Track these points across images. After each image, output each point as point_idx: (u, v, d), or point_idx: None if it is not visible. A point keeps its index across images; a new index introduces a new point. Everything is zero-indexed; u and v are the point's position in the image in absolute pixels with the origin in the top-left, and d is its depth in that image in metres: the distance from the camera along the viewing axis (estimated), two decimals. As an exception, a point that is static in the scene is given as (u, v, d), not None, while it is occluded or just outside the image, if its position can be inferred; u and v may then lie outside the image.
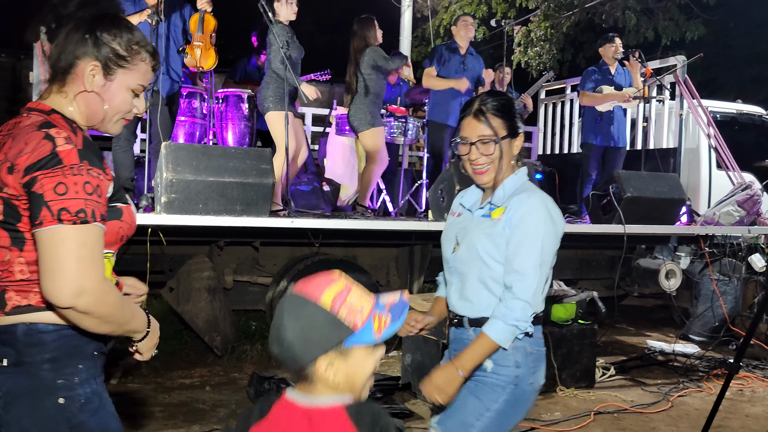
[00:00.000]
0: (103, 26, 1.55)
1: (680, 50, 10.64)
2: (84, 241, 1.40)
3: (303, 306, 1.37)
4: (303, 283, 1.42)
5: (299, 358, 1.35)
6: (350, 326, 1.36)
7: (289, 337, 1.35)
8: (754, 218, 6.27)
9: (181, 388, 4.61)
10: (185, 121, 5.88)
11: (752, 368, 5.50)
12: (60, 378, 1.47)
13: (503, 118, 2.08)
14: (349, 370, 1.38)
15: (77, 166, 1.42)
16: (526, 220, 2.00)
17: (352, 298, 1.38)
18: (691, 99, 6.77)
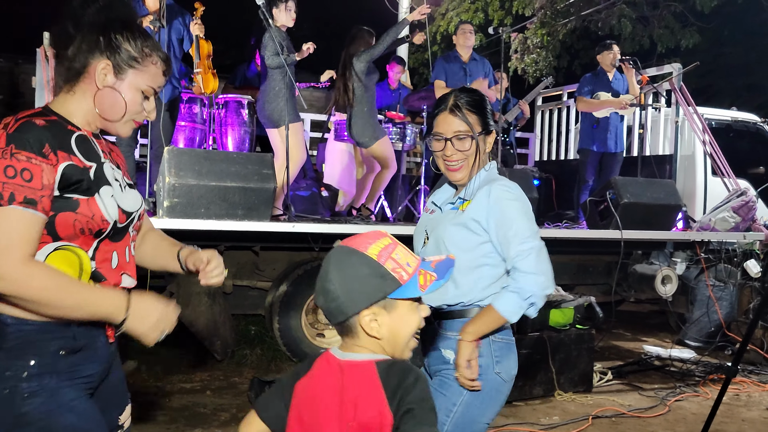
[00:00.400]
0: (117, 29, 1.60)
1: (675, 57, 10.76)
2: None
3: (349, 256, 1.37)
4: (350, 239, 1.42)
5: (344, 308, 1.35)
6: (396, 278, 1.35)
7: (334, 288, 1.35)
8: (750, 224, 6.33)
9: (182, 392, 4.63)
10: (185, 126, 5.91)
11: (748, 373, 5.55)
12: (8, 370, 1.49)
13: (478, 114, 2.09)
14: (393, 324, 1.37)
15: (2, 150, 1.44)
16: (502, 205, 2.00)
17: (398, 253, 1.38)
18: (687, 106, 6.84)
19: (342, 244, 1.42)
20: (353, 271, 1.35)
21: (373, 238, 1.41)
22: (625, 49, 10.44)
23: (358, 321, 1.36)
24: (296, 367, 1.51)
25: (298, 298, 5.17)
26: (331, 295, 1.36)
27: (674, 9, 11.42)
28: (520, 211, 2.01)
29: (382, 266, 1.35)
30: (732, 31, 13.28)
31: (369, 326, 1.36)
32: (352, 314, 1.36)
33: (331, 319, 1.40)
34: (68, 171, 1.52)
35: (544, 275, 1.94)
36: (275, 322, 5.10)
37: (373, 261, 1.35)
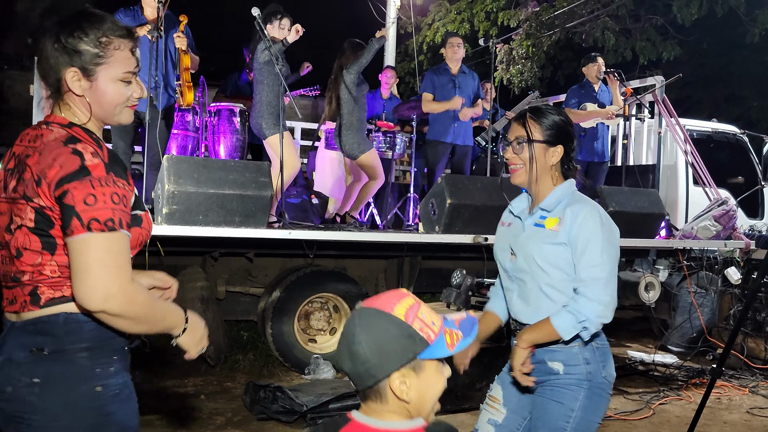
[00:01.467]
0: (67, 30, 1.57)
1: (657, 69, 11.00)
2: (110, 248, 1.47)
3: (377, 318, 1.34)
4: (372, 300, 1.39)
5: (374, 372, 1.31)
6: (425, 338, 1.32)
7: (363, 351, 1.31)
8: (730, 233, 6.49)
9: (176, 397, 4.67)
10: (178, 134, 5.98)
11: (729, 377, 5.70)
12: (97, 366, 1.54)
13: (541, 125, 2.20)
14: (421, 387, 1.33)
15: (104, 178, 1.50)
16: (584, 229, 2.09)
17: (423, 312, 1.36)
18: (669, 117, 7.01)
19: (364, 305, 1.38)
20: (382, 333, 1.31)
21: (396, 297, 1.37)
22: (608, 61, 10.63)
23: (389, 384, 1.32)
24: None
25: (291, 303, 5.24)
26: (359, 358, 1.31)
27: (656, 22, 11.66)
28: (600, 237, 2.09)
29: (410, 326, 1.32)
30: (712, 44, 13.59)
31: (399, 389, 1.31)
32: (382, 377, 1.31)
33: (358, 383, 1.35)
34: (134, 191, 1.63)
35: (604, 305, 2.05)
36: (268, 327, 5.16)
37: (401, 321, 1.32)
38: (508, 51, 12.26)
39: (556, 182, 2.22)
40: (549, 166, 2.20)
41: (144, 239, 1.66)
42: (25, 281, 1.55)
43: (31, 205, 1.51)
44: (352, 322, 1.36)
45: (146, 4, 4.83)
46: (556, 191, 2.19)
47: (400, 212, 7.03)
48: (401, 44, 12.10)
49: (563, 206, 2.16)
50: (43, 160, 1.51)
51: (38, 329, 1.53)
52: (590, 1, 11.13)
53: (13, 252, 1.55)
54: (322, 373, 5.08)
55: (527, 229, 2.23)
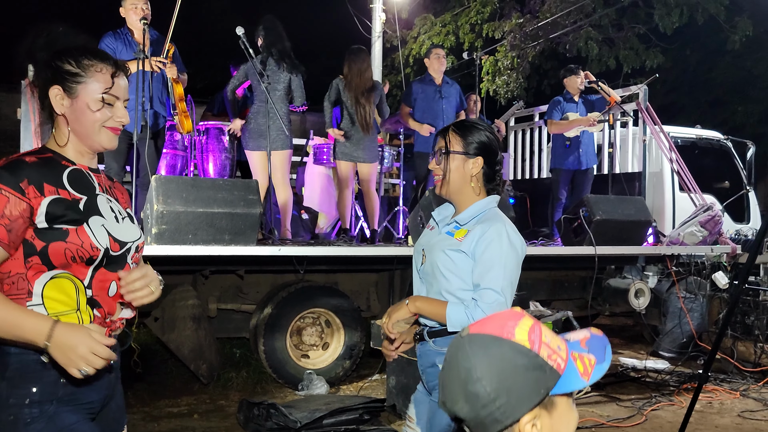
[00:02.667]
0: (57, 55, 1.69)
1: (641, 77, 11.08)
2: None
3: (496, 346, 1.06)
4: (481, 323, 1.12)
5: (499, 416, 1.04)
6: (555, 368, 1.07)
7: (485, 391, 1.03)
8: (716, 238, 6.56)
9: (169, 416, 4.66)
10: (167, 153, 6.00)
11: (720, 381, 5.75)
12: (11, 397, 1.59)
13: (461, 136, 2.23)
14: (554, 428, 1.08)
15: None
16: (489, 248, 2.11)
17: (546, 335, 1.09)
18: (653, 125, 7.10)
19: (474, 331, 1.10)
20: (506, 366, 1.04)
21: (512, 318, 1.10)
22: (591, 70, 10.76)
23: (518, 429, 1.06)
24: None
25: (283, 320, 5.25)
26: (481, 400, 1.04)
27: (638, 30, 11.80)
28: (502, 261, 2.10)
29: (538, 355, 1.06)
30: (694, 51, 13.78)
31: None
32: (511, 422, 1.05)
33: (476, 430, 1.07)
34: (52, 204, 1.63)
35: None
36: (260, 344, 5.17)
37: (527, 349, 1.06)
38: (494, 62, 12.36)
39: (479, 196, 2.23)
40: (468, 178, 2.22)
41: (79, 254, 1.64)
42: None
43: None
44: (462, 353, 1.08)
45: (133, 28, 4.86)
46: (474, 206, 2.21)
47: (390, 225, 7.06)
48: (387, 58, 12.17)
49: (474, 221, 2.19)
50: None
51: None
52: (573, 12, 11.25)
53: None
54: (316, 389, 5.09)
55: (439, 236, 2.27)
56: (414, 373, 4.63)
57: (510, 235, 2.14)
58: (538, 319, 1.14)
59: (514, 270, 2.14)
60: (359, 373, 5.67)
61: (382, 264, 5.67)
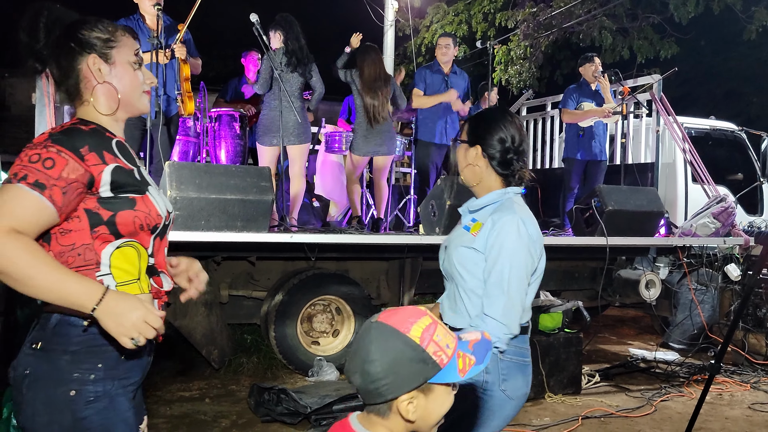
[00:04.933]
0: (76, 27, 1.67)
1: (655, 68, 11.02)
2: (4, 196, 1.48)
3: (392, 338, 1.32)
4: (389, 314, 1.37)
5: (383, 391, 1.31)
6: (437, 362, 1.32)
7: (376, 371, 1.31)
8: (729, 229, 6.52)
9: (181, 400, 4.71)
10: (179, 139, 6.03)
11: (730, 373, 5.73)
12: (76, 372, 1.56)
13: (470, 125, 2.22)
14: (428, 408, 1.34)
15: (37, 144, 1.55)
16: (497, 241, 2.04)
17: (439, 334, 1.34)
18: (667, 116, 7.05)
19: (380, 320, 1.36)
20: (397, 355, 1.31)
21: (414, 316, 1.36)
22: (605, 60, 10.71)
23: (396, 404, 1.33)
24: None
25: (293, 307, 5.28)
26: (371, 377, 1.31)
27: (653, 20, 11.69)
28: (509, 252, 2.03)
29: (424, 350, 1.31)
30: (709, 41, 13.63)
31: (405, 410, 1.33)
32: (391, 398, 1.32)
33: (366, 398, 1.36)
34: (116, 172, 1.61)
35: (505, 324, 2.00)
36: (271, 330, 5.21)
37: (417, 345, 1.31)
38: (506, 52, 12.30)
39: (494, 186, 2.17)
40: (468, 167, 2.19)
41: (146, 222, 1.65)
42: None
43: None
44: (367, 337, 1.35)
45: (146, 13, 4.87)
46: (488, 195, 2.16)
47: (400, 214, 7.07)
48: (399, 47, 12.13)
49: (489, 211, 2.12)
50: None
51: (40, 325, 1.60)
52: (587, 1, 11.16)
53: None
54: (326, 375, 5.12)
55: (459, 230, 2.22)
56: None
57: (520, 226, 2.05)
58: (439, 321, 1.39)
59: (520, 265, 2.03)
60: (369, 360, 5.69)
61: (393, 252, 5.68)
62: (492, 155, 2.15)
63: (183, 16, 5.11)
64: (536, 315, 5.08)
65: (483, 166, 2.17)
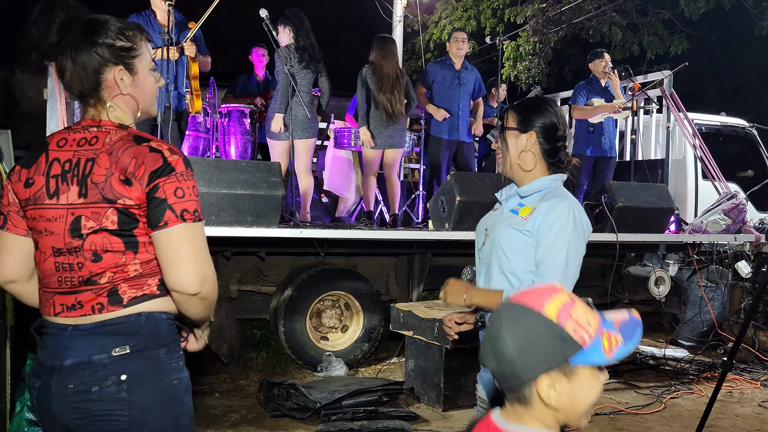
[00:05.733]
0: (98, 33, 1.62)
1: (665, 64, 10.96)
2: (201, 236, 1.60)
3: (525, 316, 1.23)
4: (521, 294, 1.30)
5: (519, 374, 1.22)
6: (578, 342, 1.21)
7: (509, 351, 1.22)
8: (740, 226, 6.49)
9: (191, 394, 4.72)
10: (189, 135, 6.05)
11: (740, 371, 5.71)
12: (173, 362, 1.63)
13: (518, 113, 2.20)
14: (573, 393, 1.22)
15: (185, 173, 1.59)
16: (554, 226, 2.04)
17: (578, 311, 1.23)
18: (677, 112, 7.01)
19: (513, 300, 1.29)
20: (530, 333, 1.22)
21: (548, 293, 1.27)
22: (615, 57, 10.66)
23: (535, 388, 1.23)
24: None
25: (303, 302, 5.29)
26: (505, 357, 1.23)
27: (663, 16, 11.63)
28: (567, 238, 2.04)
29: (562, 327, 1.21)
30: (720, 37, 13.55)
31: (547, 395, 1.22)
32: (528, 380, 1.22)
33: (503, 383, 1.27)
34: None
35: None
36: (280, 325, 5.22)
37: (552, 321, 1.22)
38: (515, 47, 12.26)
39: (540, 173, 2.18)
40: (521, 153, 2.17)
41: None
42: (103, 283, 1.59)
43: (115, 206, 1.56)
44: (497, 318, 1.27)
45: (157, 9, 4.88)
46: (538, 181, 2.16)
47: (409, 210, 7.06)
48: (408, 42, 12.10)
49: (539, 197, 2.13)
50: (119, 160, 1.57)
51: (117, 330, 1.58)
52: (597, -3, 11.12)
53: (89, 256, 1.58)
54: (335, 371, 5.13)
55: (503, 213, 2.23)
56: (433, 356, 4.67)
57: (576, 214, 2.07)
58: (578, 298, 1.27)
59: (576, 251, 2.05)
60: (378, 355, 5.71)
61: (402, 248, 5.68)
62: (549, 142, 2.17)
63: (193, 12, 5.12)
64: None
65: (534, 153, 2.17)
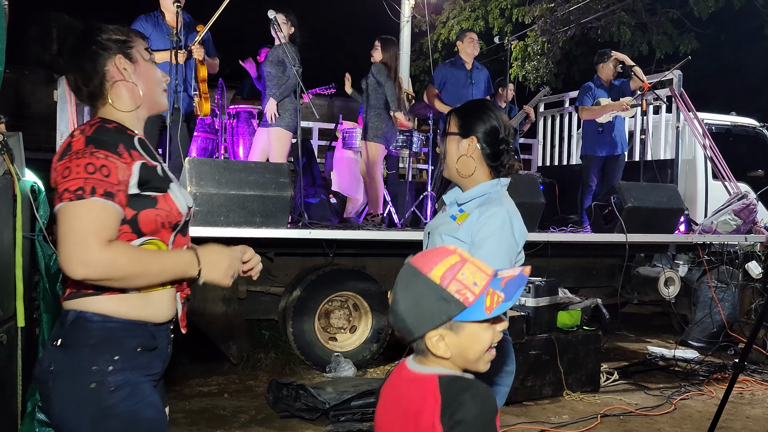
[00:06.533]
0: (93, 32, 1.70)
1: (674, 63, 10.88)
2: (80, 216, 1.51)
3: (414, 278, 1.39)
4: (419, 256, 1.44)
5: (411, 329, 1.39)
6: (461, 301, 1.35)
7: (400, 310, 1.39)
8: (751, 227, 6.45)
9: (200, 395, 4.74)
10: (198, 136, 6.06)
11: (751, 372, 5.67)
12: (95, 365, 1.59)
13: (459, 117, 2.21)
14: (462, 344, 1.39)
15: (81, 151, 1.57)
16: (483, 231, 2.05)
17: (465, 273, 1.37)
18: (687, 111, 6.98)
19: (410, 261, 1.44)
20: (417, 294, 1.38)
21: (440, 255, 1.41)
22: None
23: (425, 341, 1.40)
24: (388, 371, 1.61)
25: (311, 302, 5.30)
26: (398, 316, 1.40)
27: (672, 15, 11.58)
28: (492, 245, 2.03)
29: (444, 290, 1.36)
30: (729, 36, 13.46)
31: (435, 347, 1.39)
32: (419, 335, 1.39)
33: (402, 336, 1.44)
34: (143, 169, 1.64)
35: None
36: (289, 326, 5.22)
37: (436, 284, 1.36)
38: (523, 47, 12.23)
39: (482, 177, 2.18)
40: (462, 159, 2.17)
41: (168, 220, 1.68)
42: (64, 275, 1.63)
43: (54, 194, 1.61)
44: (398, 279, 1.43)
45: (166, 10, 4.90)
46: (477, 187, 2.16)
47: (417, 210, 7.05)
48: (416, 43, 12.08)
49: (476, 204, 2.13)
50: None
51: (61, 321, 1.66)
52: (605, -4, 11.08)
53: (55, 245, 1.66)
54: (343, 371, 5.13)
55: (443, 218, 2.23)
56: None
57: (507, 220, 2.07)
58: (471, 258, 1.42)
59: (505, 257, 2.04)
60: (386, 356, 5.70)
61: (410, 249, 5.64)
62: (491, 146, 2.16)
63: (200, 13, 5.13)
64: (555, 312, 5.05)
65: (475, 158, 2.17)
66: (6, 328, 2.88)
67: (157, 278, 1.62)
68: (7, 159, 2.99)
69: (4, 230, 2.88)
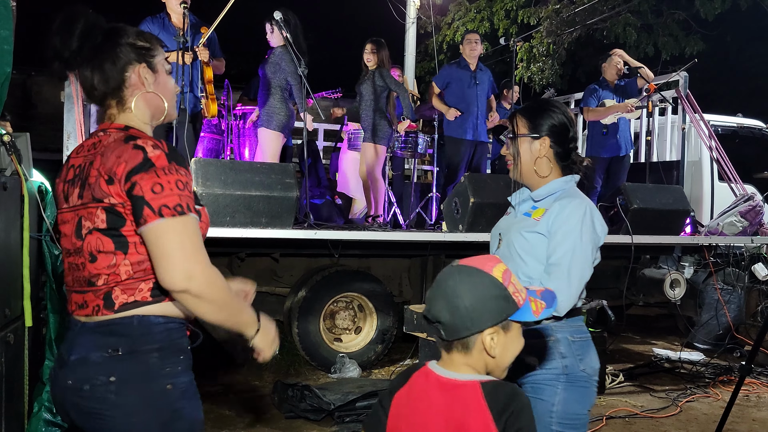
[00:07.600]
0: (119, 35, 1.68)
1: (680, 65, 10.84)
2: (184, 231, 1.53)
3: (478, 276, 1.44)
4: (468, 260, 1.49)
5: (470, 325, 1.42)
6: (516, 302, 1.45)
7: (464, 305, 1.42)
8: (757, 228, 6.42)
9: (206, 396, 4.67)
10: (204, 136, 6.08)
11: (757, 375, 5.65)
12: (167, 366, 1.60)
13: (527, 118, 2.20)
14: (507, 344, 1.46)
15: (167, 167, 1.56)
16: (565, 223, 2.06)
17: (514, 278, 1.48)
18: (693, 113, 6.96)
19: (462, 263, 1.49)
20: (484, 290, 1.43)
21: (492, 261, 1.49)
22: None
23: (480, 338, 1.44)
24: (391, 383, 1.59)
25: (317, 303, 5.30)
26: (460, 311, 1.42)
27: (678, 17, 11.56)
28: (577, 234, 2.05)
29: (506, 288, 1.44)
30: (735, 38, 13.43)
31: (489, 344, 1.44)
32: (477, 330, 1.44)
33: (451, 334, 1.45)
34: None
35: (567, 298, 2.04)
36: (294, 327, 5.23)
37: (500, 282, 1.44)
38: (529, 49, 12.22)
39: (554, 177, 2.19)
40: (536, 160, 2.18)
41: (204, 232, 1.70)
42: (100, 285, 1.60)
43: (101, 205, 1.57)
44: (451, 277, 1.47)
45: (172, 11, 4.91)
46: (551, 184, 2.18)
47: (422, 212, 7.06)
48: (421, 44, 12.10)
49: (553, 198, 2.15)
50: (107, 160, 1.58)
51: (112, 331, 1.59)
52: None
53: (87, 257, 1.60)
54: (348, 372, 5.14)
55: (517, 217, 2.23)
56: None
57: (588, 212, 2.09)
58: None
59: (585, 248, 2.06)
60: (391, 357, 5.71)
61: (415, 250, 5.68)
62: (561, 146, 2.19)
63: (206, 15, 5.14)
64: (560, 314, 5.04)
65: (548, 158, 2.19)
66: (13, 328, 2.89)
67: (232, 317, 1.62)
68: (14, 160, 3.00)
69: (11, 230, 2.89)
